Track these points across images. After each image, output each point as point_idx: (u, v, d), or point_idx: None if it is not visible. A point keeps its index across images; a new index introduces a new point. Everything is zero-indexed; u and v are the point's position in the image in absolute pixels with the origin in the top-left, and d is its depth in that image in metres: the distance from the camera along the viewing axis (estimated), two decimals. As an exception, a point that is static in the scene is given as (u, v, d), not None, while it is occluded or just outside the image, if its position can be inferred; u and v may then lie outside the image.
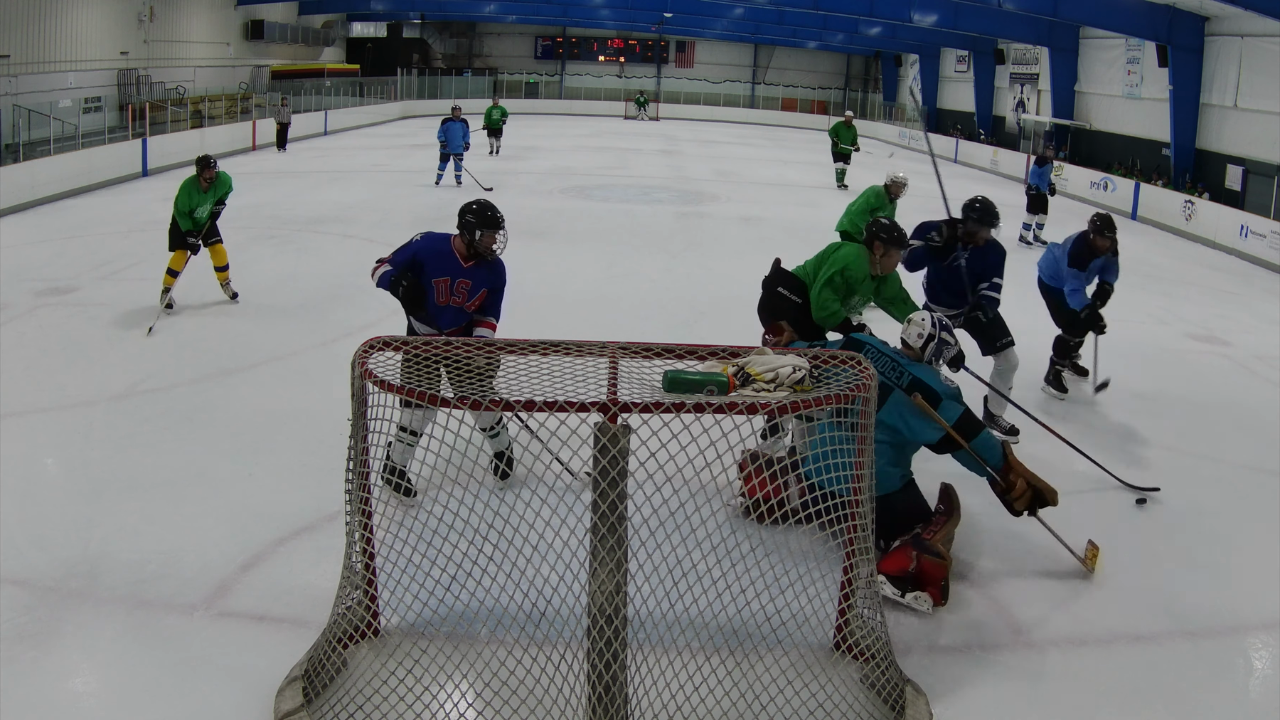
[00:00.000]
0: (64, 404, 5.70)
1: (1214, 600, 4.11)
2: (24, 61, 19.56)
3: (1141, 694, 3.49)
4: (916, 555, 3.71)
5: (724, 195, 16.25)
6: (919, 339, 4.24)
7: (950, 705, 3.30)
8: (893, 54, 37.10)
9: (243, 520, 4.33)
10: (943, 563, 3.67)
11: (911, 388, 4.00)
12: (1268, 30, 16.33)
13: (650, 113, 38.51)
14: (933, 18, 24.44)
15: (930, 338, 4.23)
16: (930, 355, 4.23)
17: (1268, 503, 5.16)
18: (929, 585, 3.68)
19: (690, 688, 3.10)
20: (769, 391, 3.02)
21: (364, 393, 3.14)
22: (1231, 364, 7.90)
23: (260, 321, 7.60)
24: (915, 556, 3.71)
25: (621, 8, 34.41)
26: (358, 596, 3.41)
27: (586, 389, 3.02)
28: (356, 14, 36.96)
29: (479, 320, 4.69)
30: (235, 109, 24.38)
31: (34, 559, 3.93)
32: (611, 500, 2.74)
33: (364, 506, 3.29)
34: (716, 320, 8.17)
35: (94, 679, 3.30)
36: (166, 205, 13.16)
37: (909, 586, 3.70)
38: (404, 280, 4.45)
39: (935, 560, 3.67)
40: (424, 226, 12.24)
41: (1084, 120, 23.68)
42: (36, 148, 14.74)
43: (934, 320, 4.29)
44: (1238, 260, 13.68)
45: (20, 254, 9.73)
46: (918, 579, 3.70)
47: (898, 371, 4.09)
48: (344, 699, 3.08)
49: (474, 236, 4.50)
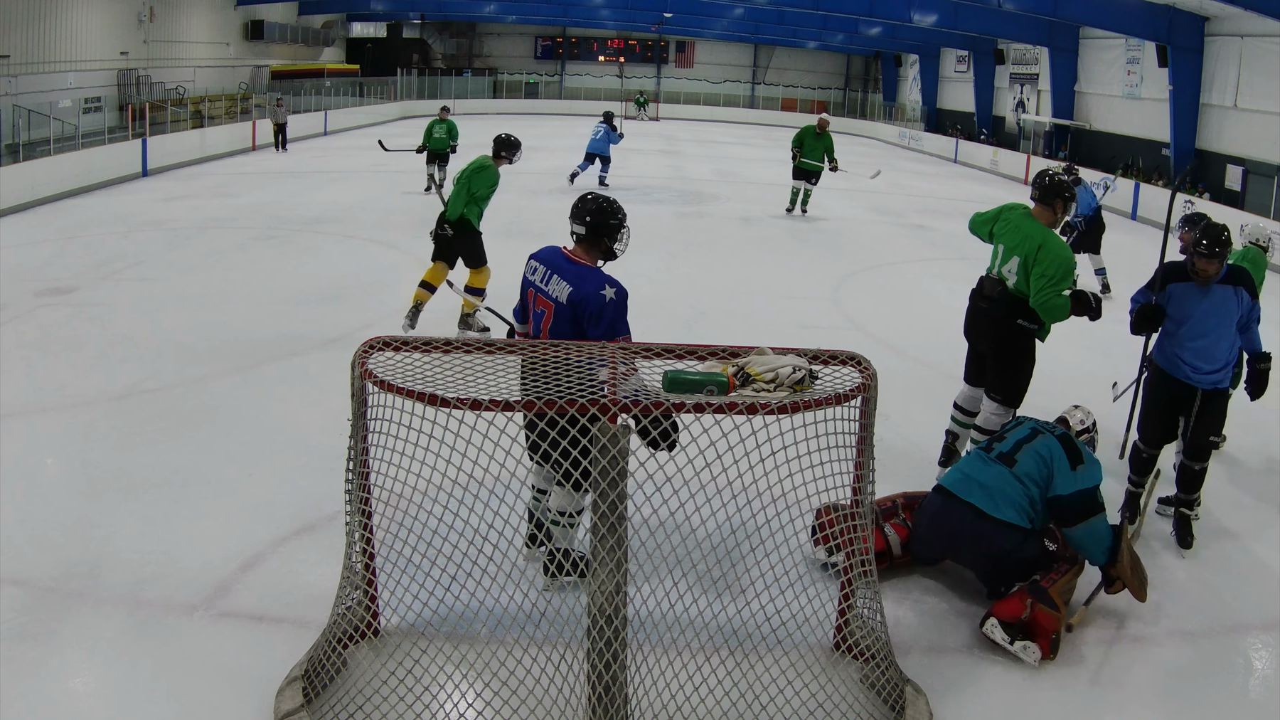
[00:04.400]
0: (64, 404, 5.70)
1: (1214, 600, 4.11)
2: (24, 61, 19.57)
3: (1142, 694, 3.49)
4: (1031, 604, 3.59)
5: (724, 195, 16.25)
6: (1080, 425, 4.24)
7: (950, 705, 3.30)
8: (893, 54, 37.11)
9: (243, 520, 4.33)
10: (1057, 615, 3.57)
11: (1064, 439, 3.96)
12: (1268, 30, 16.33)
13: (650, 113, 38.51)
14: (933, 18, 24.44)
15: (1088, 430, 4.25)
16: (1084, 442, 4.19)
17: (1267, 503, 5.16)
18: (1039, 637, 3.57)
19: (690, 688, 3.09)
20: (769, 392, 3.02)
21: (364, 393, 3.14)
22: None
23: (260, 321, 7.60)
24: (1030, 605, 3.59)
25: (621, 8, 34.41)
26: (358, 596, 3.41)
27: (586, 389, 3.02)
28: (356, 14, 36.95)
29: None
30: (235, 109, 24.36)
31: (34, 559, 3.93)
32: (611, 500, 2.74)
33: (364, 506, 3.29)
34: (716, 320, 8.17)
35: (94, 679, 3.30)
36: (167, 205, 13.29)
37: (1019, 634, 3.58)
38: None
39: (1050, 612, 3.56)
40: (424, 226, 12.22)
41: (1084, 120, 23.69)
42: (36, 148, 14.73)
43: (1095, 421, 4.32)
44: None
45: (20, 254, 9.72)
46: (1029, 628, 3.58)
47: (1050, 424, 4.10)
48: (344, 699, 3.08)
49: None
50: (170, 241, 10.69)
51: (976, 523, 3.84)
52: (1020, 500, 3.86)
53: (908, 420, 5.88)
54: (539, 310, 3.76)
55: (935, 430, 5.80)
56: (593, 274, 3.68)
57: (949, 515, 3.93)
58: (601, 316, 3.56)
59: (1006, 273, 4.61)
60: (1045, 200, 4.66)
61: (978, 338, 4.81)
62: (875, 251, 11.93)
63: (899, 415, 5.80)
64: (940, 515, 3.98)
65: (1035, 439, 3.98)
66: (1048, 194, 4.65)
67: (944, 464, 5.04)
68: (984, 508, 3.84)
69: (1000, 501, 3.85)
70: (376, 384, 2.94)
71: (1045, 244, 4.51)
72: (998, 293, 4.62)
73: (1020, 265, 4.55)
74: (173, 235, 11.06)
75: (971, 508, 3.86)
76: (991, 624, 3.62)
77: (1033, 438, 3.99)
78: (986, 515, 3.83)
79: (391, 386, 2.89)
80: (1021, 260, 4.54)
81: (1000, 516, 3.82)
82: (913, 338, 7.94)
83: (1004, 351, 4.69)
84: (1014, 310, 4.59)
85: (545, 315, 3.71)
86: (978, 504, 3.86)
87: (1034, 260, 4.49)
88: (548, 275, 3.73)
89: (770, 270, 10.54)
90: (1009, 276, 4.59)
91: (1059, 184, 4.66)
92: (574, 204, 3.87)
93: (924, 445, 5.45)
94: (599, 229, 3.80)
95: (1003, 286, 4.61)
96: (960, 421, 5.03)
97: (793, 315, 8.53)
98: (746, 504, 3.20)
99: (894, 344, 7.73)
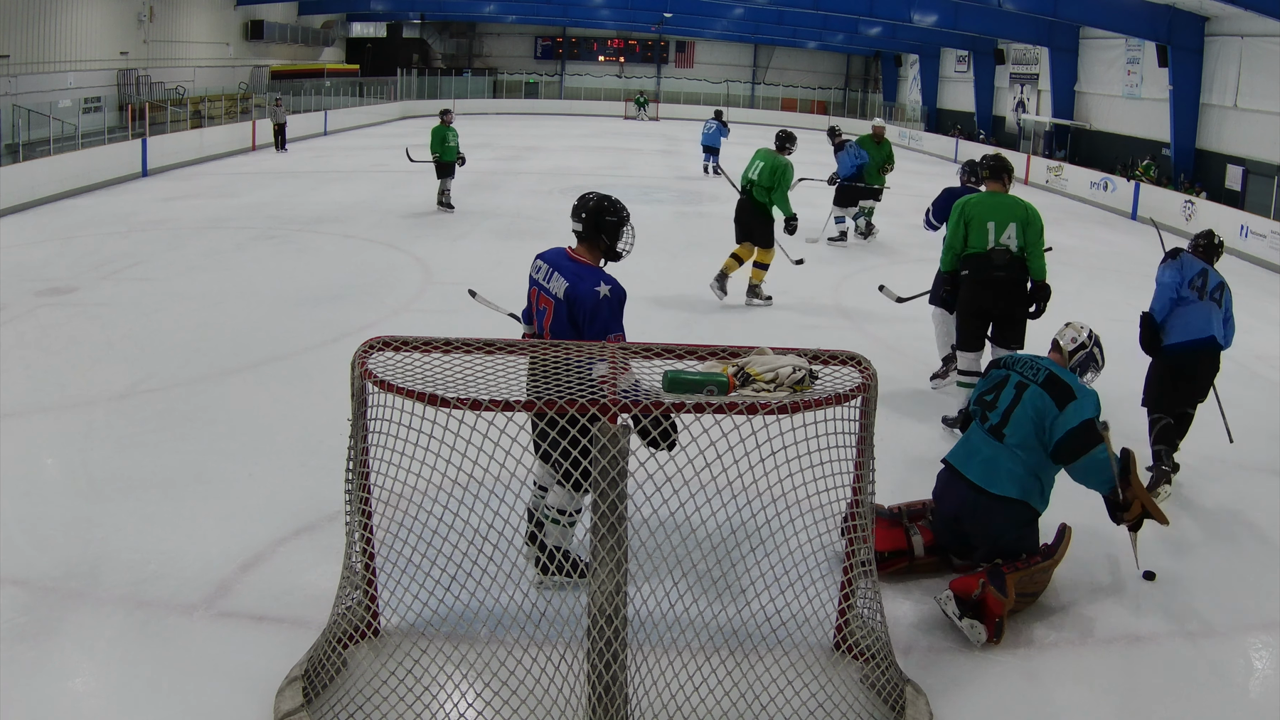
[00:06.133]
0: (64, 404, 5.70)
1: (1214, 600, 4.11)
2: (24, 61, 19.57)
3: (1141, 694, 3.49)
4: (984, 585, 3.64)
5: (724, 195, 16.23)
6: (1072, 343, 4.15)
7: (950, 705, 3.30)
8: (893, 54, 37.11)
9: (243, 520, 4.33)
10: (1004, 601, 3.61)
11: (1048, 382, 3.91)
12: (1268, 30, 16.33)
13: (650, 113, 38.51)
14: (933, 18, 24.44)
15: (1082, 346, 4.15)
16: (1076, 364, 4.14)
17: (1268, 503, 5.16)
18: (987, 619, 3.62)
19: (690, 688, 3.09)
20: (769, 391, 3.02)
21: (364, 393, 3.14)
22: (1231, 364, 7.87)
23: (260, 321, 7.60)
24: (982, 585, 3.64)
25: (621, 8, 34.41)
26: (358, 596, 3.41)
27: (586, 388, 3.02)
28: (356, 14, 36.96)
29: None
30: (235, 109, 24.37)
31: (34, 559, 3.93)
32: (611, 500, 2.74)
33: (364, 506, 3.29)
34: (716, 320, 8.18)
35: (94, 679, 3.30)
36: (167, 205, 13.29)
37: (969, 612, 3.63)
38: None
39: (999, 597, 3.61)
40: (424, 227, 12.21)
41: (1084, 120, 23.69)
42: (36, 148, 14.73)
43: (1090, 331, 4.20)
44: (1238, 260, 13.66)
45: (20, 254, 9.73)
46: (978, 608, 3.63)
47: (1034, 368, 4.01)
48: (344, 699, 3.08)
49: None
50: (170, 241, 10.70)
51: (976, 498, 3.88)
52: (1017, 470, 3.87)
53: (908, 420, 5.89)
54: (541, 308, 3.78)
55: (935, 430, 5.81)
56: (591, 272, 3.70)
57: (952, 492, 3.99)
58: (596, 314, 3.56)
59: (1006, 240, 5.44)
60: (996, 177, 5.70)
61: (993, 302, 5.55)
62: (875, 251, 11.92)
63: (899, 415, 5.80)
64: (944, 494, 4.04)
65: (1022, 396, 3.93)
66: (997, 171, 5.71)
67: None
68: (981, 483, 3.88)
69: (998, 476, 3.87)
70: (376, 384, 2.94)
71: (1027, 206, 5.53)
72: (1006, 260, 5.45)
73: (1019, 229, 5.43)
74: (173, 235, 11.06)
75: (971, 485, 3.90)
76: (946, 596, 3.69)
77: (1018, 396, 3.94)
78: (984, 491, 3.87)
79: (391, 386, 2.89)
80: (1019, 225, 5.43)
81: (998, 491, 3.84)
82: (913, 338, 7.94)
83: (1016, 307, 5.56)
84: (1020, 272, 5.50)
85: (546, 313, 3.73)
86: (975, 479, 3.90)
87: (1027, 220, 5.46)
88: (550, 273, 3.75)
89: (770, 270, 10.55)
90: (1009, 242, 5.44)
91: (1002, 161, 5.81)
92: (574, 202, 3.88)
93: (924, 445, 5.45)
94: (597, 226, 3.81)
95: (1009, 254, 5.44)
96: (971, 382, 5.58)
97: (793, 315, 8.53)
98: (746, 504, 3.20)
99: (894, 344, 7.73)
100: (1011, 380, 4.02)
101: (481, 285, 5.19)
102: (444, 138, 12.89)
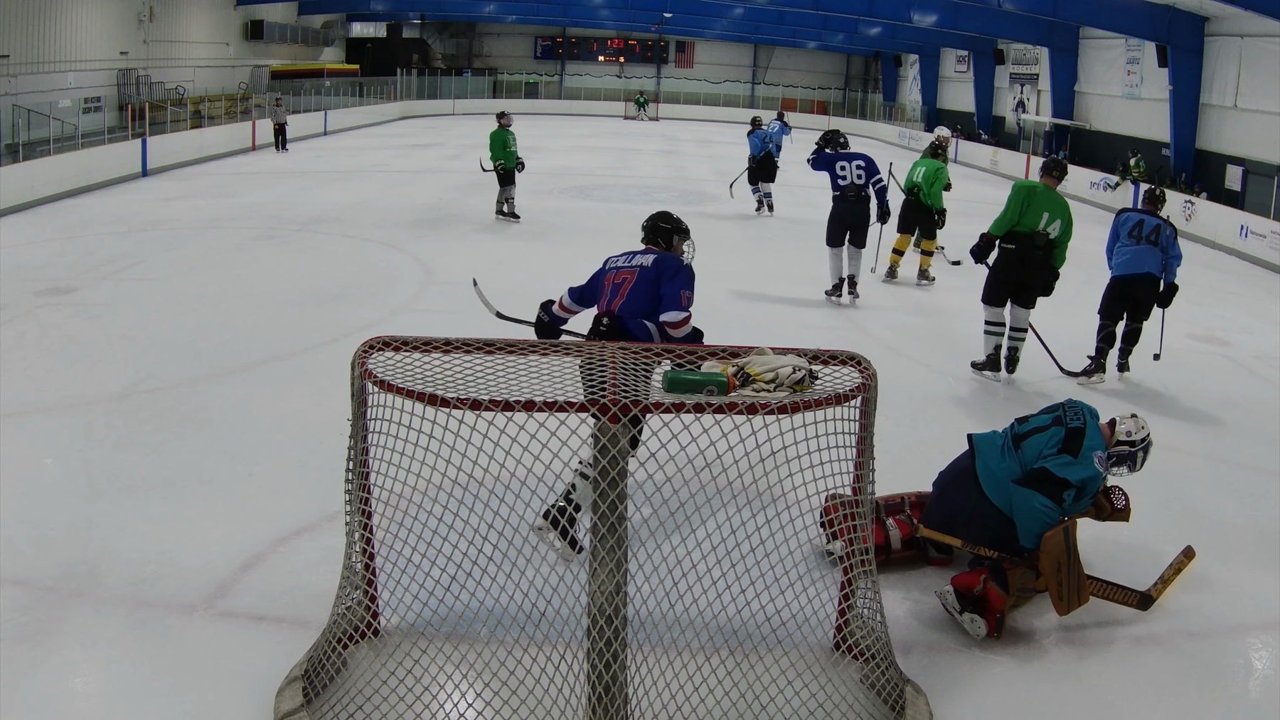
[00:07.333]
0: (64, 404, 5.70)
1: (1214, 600, 4.11)
2: (24, 61, 19.57)
3: (1142, 694, 3.49)
4: (985, 580, 3.67)
5: (724, 195, 16.24)
6: (1125, 435, 4.11)
7: (950, 705, 3.30)
8: (893, 54, 37.10)
9: (243, 520, 4.33)
10: (1006, 597, 3.65)
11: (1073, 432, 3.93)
12: (1268, 30, 16.33)
13: (650, 113, 38.50)
14: (933, 18, 24.43)
15: (1132, 444, 4.10)
16: (1116, 453, 4.09)
17: (1268, 503, 5.16)
18: (988, 614, 3.65)
19: (690, 688, 3.09)
20: (769, 392, 3.01)
21: (364, 393, 3.14)
22: (1231, 364, 7.90)
23: (260, 322, 7.60)
24: (984, 581, 3.67)
25: (621, 8, 34.40)
26: (358, 596, 3.41)
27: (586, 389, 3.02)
28: (356, 14, 36.94)
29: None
30: (235, 109, 24.37)
31: (34, 559, 3.93)
32: (611, 500, 2.74)
33: (364, 506, 3.29)
34: (716, 320, 8.17)
35: (94, 679, 3.30)
36: (167, 205, 13.29)
37: (970, 607, 3.67)
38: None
39: (1001, 592, 3.65)
40: (424, 227, 12.19)
41: (1084, 120, 23.68)
42: (36, 148, 14.73)
43: (1148, 436, 4.14)
44: (1238, 260, 13.68)
45: (20, 254, 9.73)
46: (979, 603, 3.67)
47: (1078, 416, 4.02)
48: (344, 699, 3.08)
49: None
50: (170, 241, 10.70)
51: (979, 505, 3.97)
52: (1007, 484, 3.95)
53: (908, 420, 5.89)
54: (619, 281, 4.26)
55: (935, 430, 5.81)
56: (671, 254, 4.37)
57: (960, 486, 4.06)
58: (678, 273, 4.20)
59: (1050, 229, 6.60)
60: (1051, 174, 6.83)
61: (1025, 273, 6.71)
62: (875, 251, 11.89)
63: (899, 415, 5.80)
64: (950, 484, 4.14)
65: (1051, 426, 4.00)
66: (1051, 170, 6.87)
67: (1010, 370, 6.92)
68: (988, 491, 3.98)
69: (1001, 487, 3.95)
70: (376, 384, 2.94)
71: (1066, 205, 6.75)
72: (1044, 243, 6.63)
73: (1063, 224, 6.64)
74: (173, 235, 11.06)
75: (979, 488, 3.99)
76: (946, 591, 3.76)
77: (1049, 425, 4.02)
78: (987, 499, 3.97)
79: (391, 386, 2.89)
80: (1062, 221, 6.64)
81: (998, 503, 3.94)
82: (913, 338, 7.94)
83: (1043, 281, 6.76)
84: (1048, 254, 6.70)
85: (626, 283, 4.23)
86: (983, 483, 3.99)
87: (1068, 220, 6.69)
88: (631, 256, 4.34)
89: (770, 270, 10.54)
90: (1052, 232, 6.61)
91: (1060, 164, 6.99)
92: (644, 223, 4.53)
93: (924, 445, 5.45)
94: (654, 231, 4.46)
95: (1047, 239, 6.62)
96: (997, 331, 6.91)
97: (793, 315, 8.53)
98: (746, 504, 3.20)
99: (894, 344, 7.73)
100: (1055, 413, 4.12)
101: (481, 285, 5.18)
102: (504, 142, 12.07)
